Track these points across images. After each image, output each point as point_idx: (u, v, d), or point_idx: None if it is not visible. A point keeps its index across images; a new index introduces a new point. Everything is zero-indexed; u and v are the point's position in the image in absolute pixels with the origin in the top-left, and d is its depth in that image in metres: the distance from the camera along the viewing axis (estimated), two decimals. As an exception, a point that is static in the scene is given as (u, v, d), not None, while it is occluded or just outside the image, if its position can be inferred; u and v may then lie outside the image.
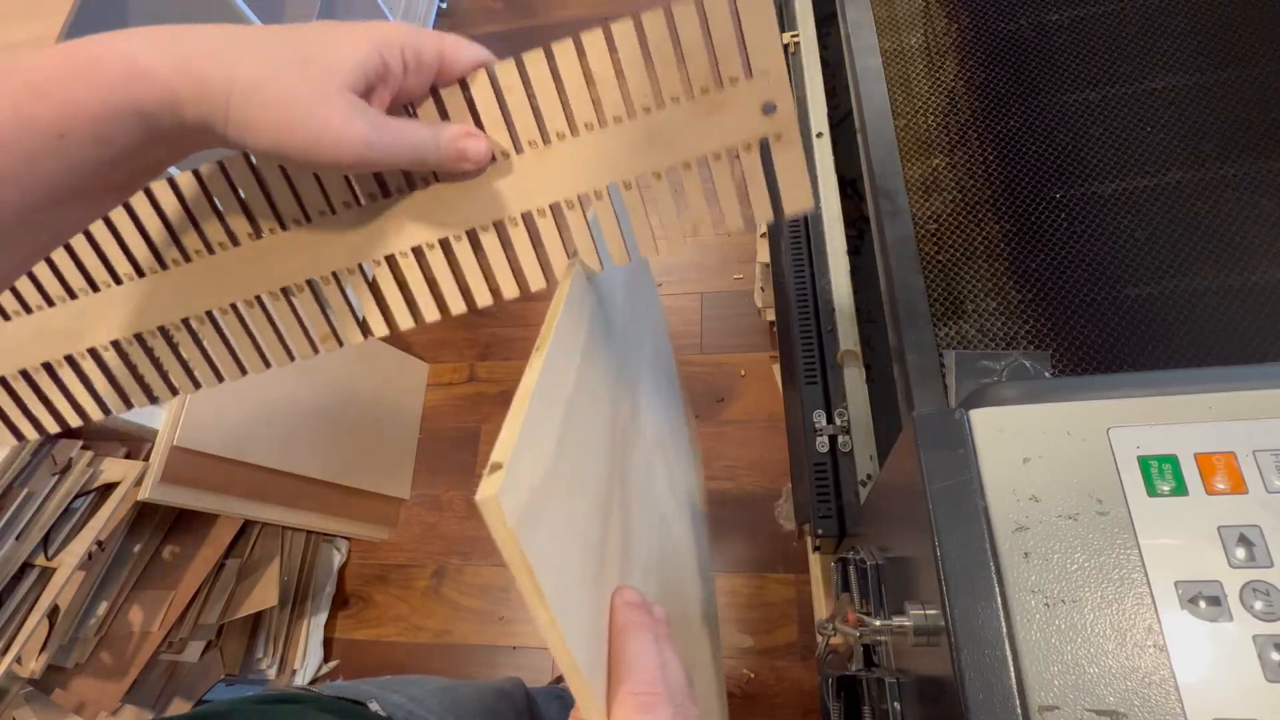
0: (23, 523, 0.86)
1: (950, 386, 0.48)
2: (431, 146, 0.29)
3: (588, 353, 0.31)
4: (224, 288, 0.34)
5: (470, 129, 0.30)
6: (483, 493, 0.19)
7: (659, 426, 0.48)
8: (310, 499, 1.17)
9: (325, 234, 0.33)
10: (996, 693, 0.26)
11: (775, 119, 0.31)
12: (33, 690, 1.00)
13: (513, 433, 0.21)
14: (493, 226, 0.32)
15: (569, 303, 0.29)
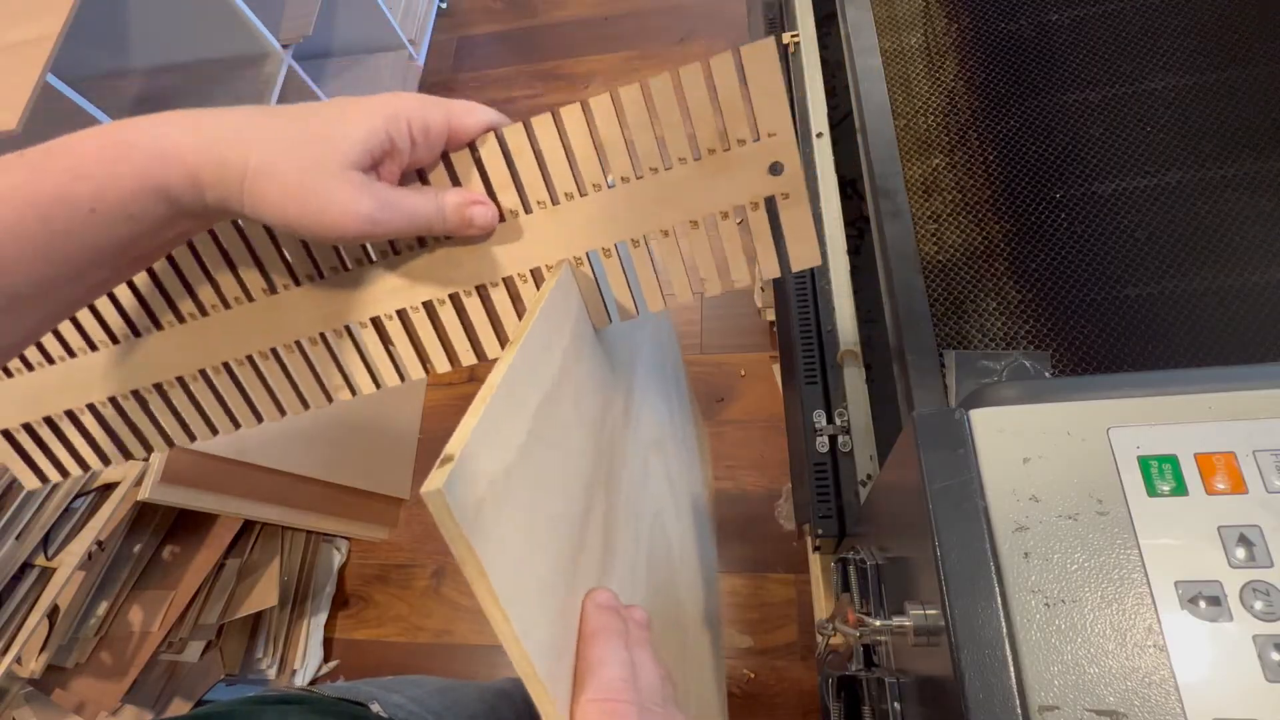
0: (23, 523, 0.86)
1: (950, 386, 0.48)
2: (437, 217, 0.30)
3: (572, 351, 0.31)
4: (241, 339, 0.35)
5: (476, 196, 0.31)
6: (428, 485, 0.19)
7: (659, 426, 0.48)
8: (310, 499, 1.17)
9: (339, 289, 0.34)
10: (996, 693, 0.26)
11: (782, 179, 0.31)
12: (33, 690, 1.00)
13: (469, 426, 0.21)
14: (502, 283, 0.33)
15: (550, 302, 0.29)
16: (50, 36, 0.86)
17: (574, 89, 1.73)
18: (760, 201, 0.32)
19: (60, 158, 0.24)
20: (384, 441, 1.37)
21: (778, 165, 0.31)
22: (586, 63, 1.76)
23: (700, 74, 0.30)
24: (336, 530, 1.29)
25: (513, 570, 0.21)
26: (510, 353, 0.25)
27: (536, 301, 0.29)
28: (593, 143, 0.31)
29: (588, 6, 1.84)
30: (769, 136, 0.31)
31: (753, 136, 0.31)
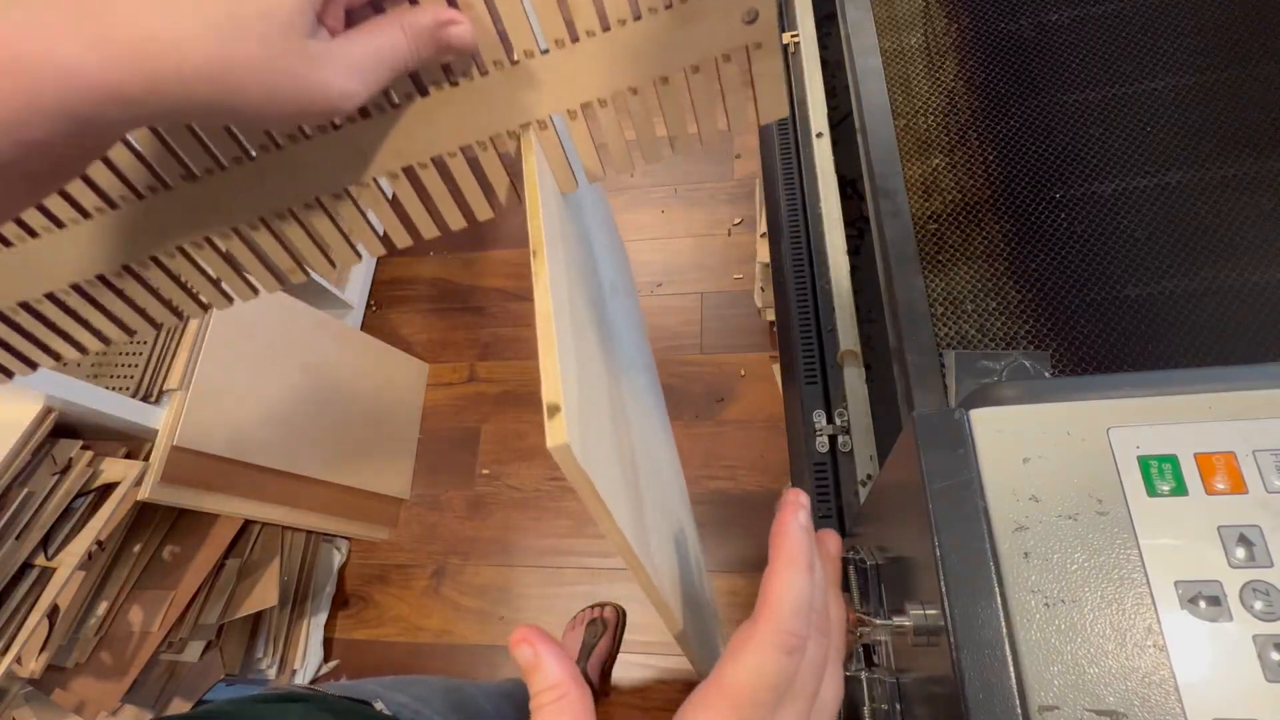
0: (23, 523, 0.86)
1: (950, 386, 0.48)
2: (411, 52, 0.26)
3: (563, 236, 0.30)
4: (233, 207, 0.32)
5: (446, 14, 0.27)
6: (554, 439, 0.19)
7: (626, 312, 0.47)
8: (310, 499, 1.17)
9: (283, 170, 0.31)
10: (996, 693, 0.26)
11: (756, 27, 0.29)
12: (33, 690, 1.00)
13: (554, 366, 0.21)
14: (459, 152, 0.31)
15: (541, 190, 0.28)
16: (50, 36, 0.85)
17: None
18: (733, 53, 0.30)
19: None
20: (384, 441, 1.37)
21: (753, 12, 0.29)
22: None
23: None
24: (336, 530, 1.29)
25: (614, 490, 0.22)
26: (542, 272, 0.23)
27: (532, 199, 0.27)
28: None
29: None
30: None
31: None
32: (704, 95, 0.31)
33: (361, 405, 1.30)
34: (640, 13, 0.29)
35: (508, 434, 1.41)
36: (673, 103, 0.31)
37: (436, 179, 0.32)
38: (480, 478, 1.38)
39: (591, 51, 0.30)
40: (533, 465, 1.38)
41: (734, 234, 1.49)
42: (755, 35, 0.30)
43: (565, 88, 0.30)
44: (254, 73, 0.22)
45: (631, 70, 0.30)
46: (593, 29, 0.29)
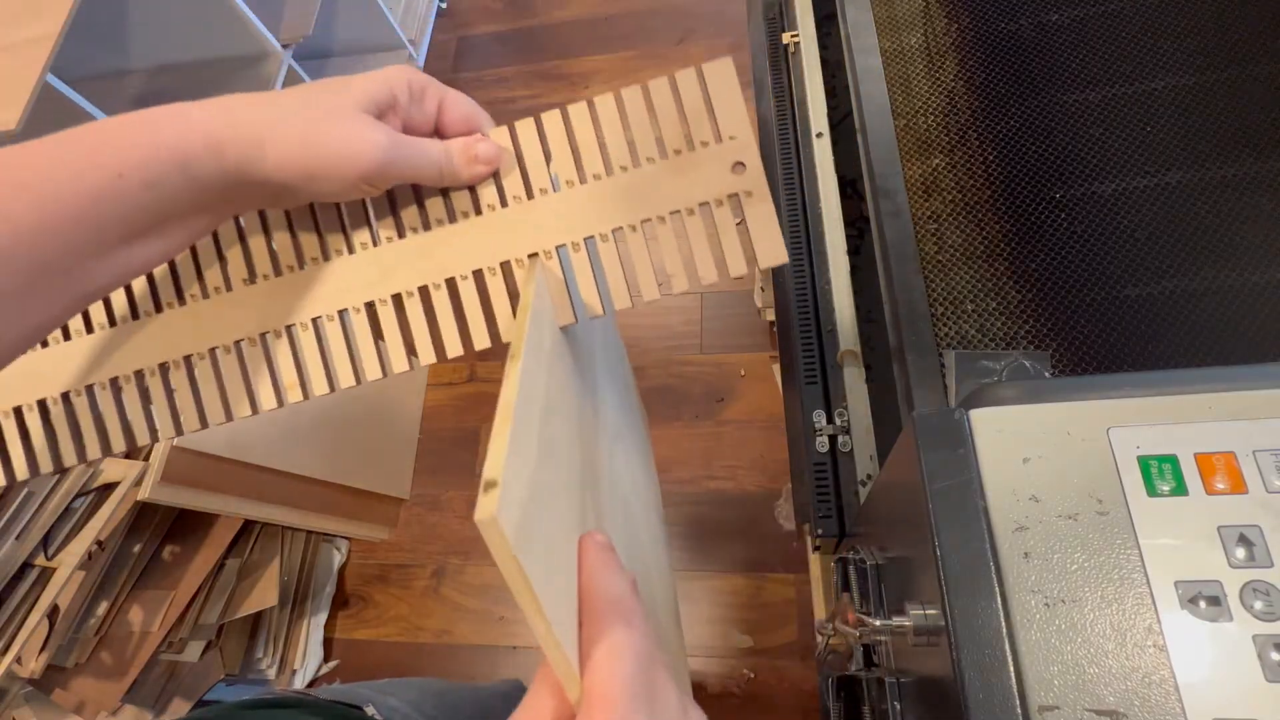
0: (23, 523, 0.86)
1: (950, 386, 0.48)
2: (445, 158, 0.32)
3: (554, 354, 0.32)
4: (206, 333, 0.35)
5: (476, 135, 0.33)
6: (481, 513, 0.19)
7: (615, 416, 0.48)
8: (310, 499, 1.17)
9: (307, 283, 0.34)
10: (996, 693, 0.26)
11: (744, 177, 0.33)
12: (33, 690, 1.00)
13: (501, 446, 0.22)
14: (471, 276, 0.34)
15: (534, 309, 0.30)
16: (50, 36, 0.86)
17: (574, 89, 1.73)
18: (725, 199, 0.33)
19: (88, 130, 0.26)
20: (384, 441, 1.37)
21: (739, 164, 0.33)
22: (586, 63, 1.76)
23: (667, 85, 0.33)
24: (336, 530, 1.29)
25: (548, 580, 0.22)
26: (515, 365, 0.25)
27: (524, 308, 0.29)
28: (569, 143, 0.34)
29: (588, 6, 1.84)
30: (730, 139, 0.33)
31: (715, 139, 0.33)
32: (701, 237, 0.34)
33: (361, 405, 1.30)
34: (640, 161, 0.33)
35: (508, 434, 1.41)
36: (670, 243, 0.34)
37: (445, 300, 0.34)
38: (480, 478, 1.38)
39: (597, 192, 0.34)
40: (533, 465, 1.38)
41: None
42: (744, 184, 0.33)
43: (571, 222, 0.34)
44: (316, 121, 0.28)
45: (631, 210, 0.34)
46: (599, 173, 0.33)
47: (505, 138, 0.34)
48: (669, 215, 0.33)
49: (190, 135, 0.27)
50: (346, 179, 0.29)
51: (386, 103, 0.30)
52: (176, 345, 0.35)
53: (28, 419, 0.36)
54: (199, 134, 0.27)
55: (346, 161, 0.29)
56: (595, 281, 0.34)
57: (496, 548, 0.20)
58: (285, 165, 0.28)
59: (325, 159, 0.29)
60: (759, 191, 0.33)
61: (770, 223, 0.34)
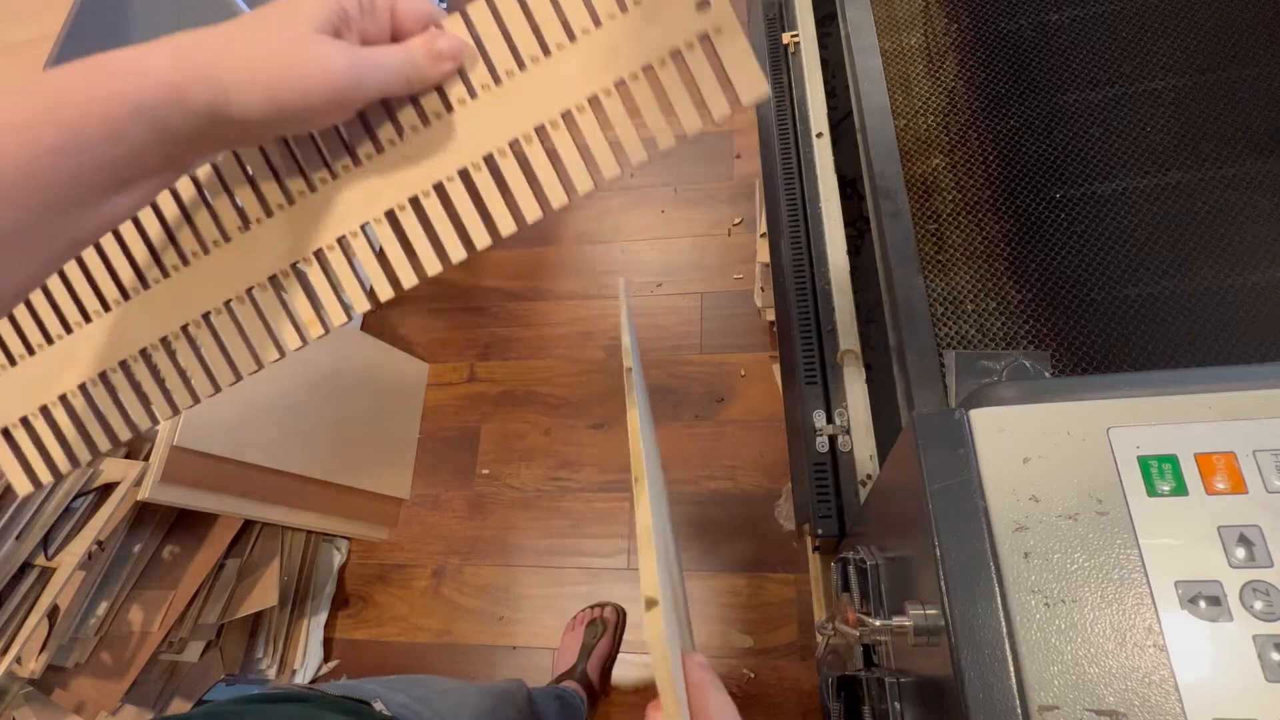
0: (23, 523, 0.86)
1: (950, 386, 0.48)
2: (409, 62, 0.31)
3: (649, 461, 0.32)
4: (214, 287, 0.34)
5: (434, 32, 0.32)
6: (651, 631, 0.20)
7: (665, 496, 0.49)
8: (310, 499, 1.17)
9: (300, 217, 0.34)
10: (996, 693, 0.26)
11: (711, 14, 0.31)
12: (33, 690, 1.00)
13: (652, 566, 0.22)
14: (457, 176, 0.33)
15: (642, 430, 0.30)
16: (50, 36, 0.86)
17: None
18: (694, 41, 0.32)
19: (44, 85, 0.25)
20: (384, 441, 1.37)
21: (704, 2, 0.31)
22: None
23: None
24: (336, 530, 1.29)
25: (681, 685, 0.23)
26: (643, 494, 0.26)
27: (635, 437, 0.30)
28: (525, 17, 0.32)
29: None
30: None
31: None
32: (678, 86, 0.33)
33: (361, 405, 1.30)
34: (600, 19, 0.32)
35: (508, 434, 1.41)
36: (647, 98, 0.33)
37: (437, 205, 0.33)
38: (480, 478, 1.38)
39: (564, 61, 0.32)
40: (532, 465, 1.38)
41: (734, 234, 1.49)
42: (712, 21, 0.32)
43: (546, 98, 0.32)
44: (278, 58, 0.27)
45: (601, 74, 0.32)
46: (561, 41, 0.32)
47: (460, 26, 0.32)
48: (641, 71, 0.32)
49: (151, 85, 0.26)
50: (316, 107, 0.29)
51: (339, 18, 0.29)
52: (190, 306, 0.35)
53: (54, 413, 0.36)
54: (161, 83, 0.26)
55: (313, 90, 0.28)
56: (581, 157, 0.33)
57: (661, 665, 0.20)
58: (252, 104, 0.28)
59: (291, 91, 0.28)
60: (728, 26, 0.32)
61: (746, 57, 0.32)
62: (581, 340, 1.45)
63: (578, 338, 1.45)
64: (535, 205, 0.33)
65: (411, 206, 0.33)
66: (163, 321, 0.35)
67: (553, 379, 1.43)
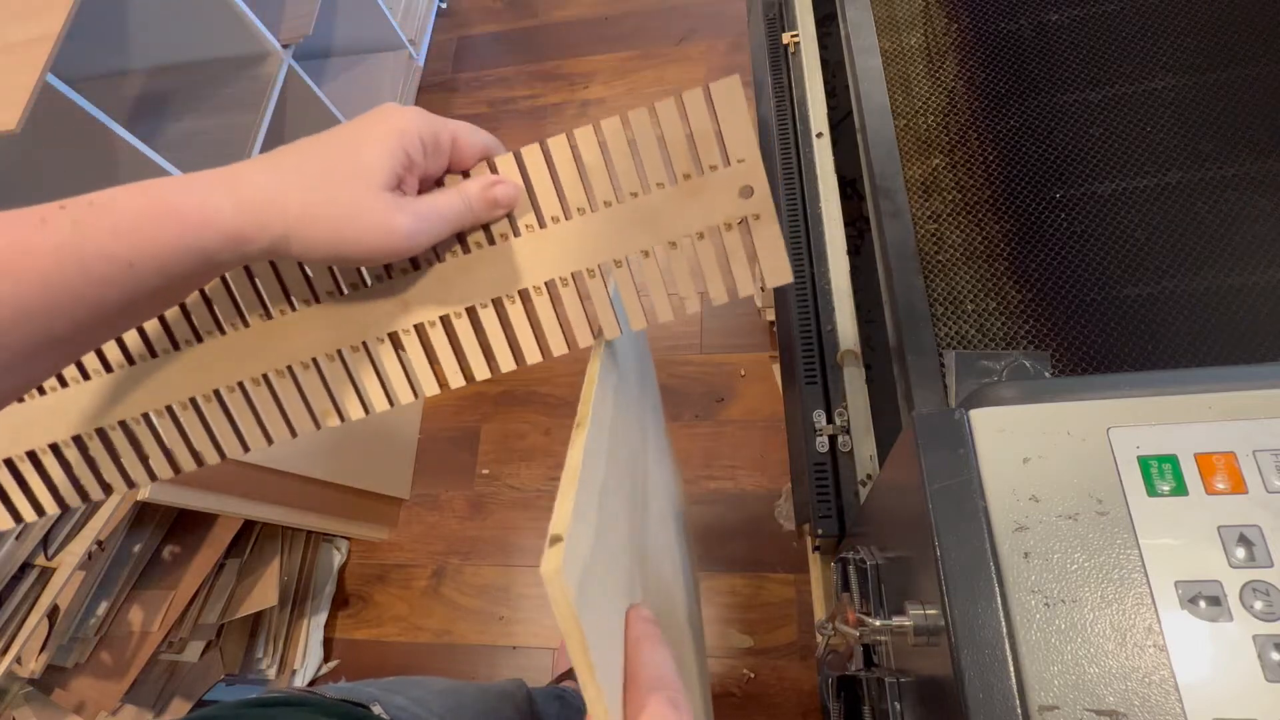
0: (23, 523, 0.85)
1: (950, 386, 0.48)
2: (465, 209, 0.32)
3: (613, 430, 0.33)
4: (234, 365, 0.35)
5: (492, 178, 0.33)
6: (547, 564, 0.20)
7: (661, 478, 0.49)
8: (310, 499, 1.17)
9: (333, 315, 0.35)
10: (996, 693, 0.26)
11: (752, 201, 0.33)
12: (33, 690, 1.00)
13: (567, 506, 0.22)
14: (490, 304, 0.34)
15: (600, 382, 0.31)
16: (50, 36, 0.86)
17: (574, 89, 1.73)
18: (734, 223, 0.34)
19: (103, 213, 0.25)
20: (384, 441, 1.37)
21: (748, 189, 0.33)
22: (586, 63, 1.76)
23: (674, 107, 0.33)
24: (336, 530, 1.29)
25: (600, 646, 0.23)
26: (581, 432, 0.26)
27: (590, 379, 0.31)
28: (577, 169, 0.33)
29: (588, 6, 1.84)
30: (738, 163, 0.33)
31: (723, 162, 0.33)
32: (711, 260, 0.34)
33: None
34: (650, 187, 0.33)
35: (508, 434, 1.41)
36: (681, 266, 0.34)
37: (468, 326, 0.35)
38: (480, 478, 1.38)
39: (609, 219, 0.34)
40: (532, 465, 1.38)
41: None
42: (752, 207, 0.34)
43: (585, 248, 0.34)
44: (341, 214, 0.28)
45: (643, 236, 0.34)
46: (609, 199, 0.33)
47: (512, 164, 0.33)
48: (680, 239, 0.34)
49: (212, 234, 0.27)
50: (372, 259, 0.30)
51: (404, 167, 0.30)
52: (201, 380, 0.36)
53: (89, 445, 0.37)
54: (223, 233, 0.27)
55: (373, 247, 0.29)
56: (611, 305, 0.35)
57: (557, 602, 0.20)
58: (311, 250, 0.29)
59: (352, 246, 0.29)
60: (766, 214, 0.34)
61: (777, 245, 0.34)
62: (581, 340, 1.45)
63: (578, 338, 1.45)
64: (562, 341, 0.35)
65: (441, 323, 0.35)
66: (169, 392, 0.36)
67: (552, 379, 1.43)
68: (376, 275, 0.34)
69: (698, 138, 0.33)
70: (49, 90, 0.91)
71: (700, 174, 0.33)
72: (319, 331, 0.35)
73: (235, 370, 0.35)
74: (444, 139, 0.32)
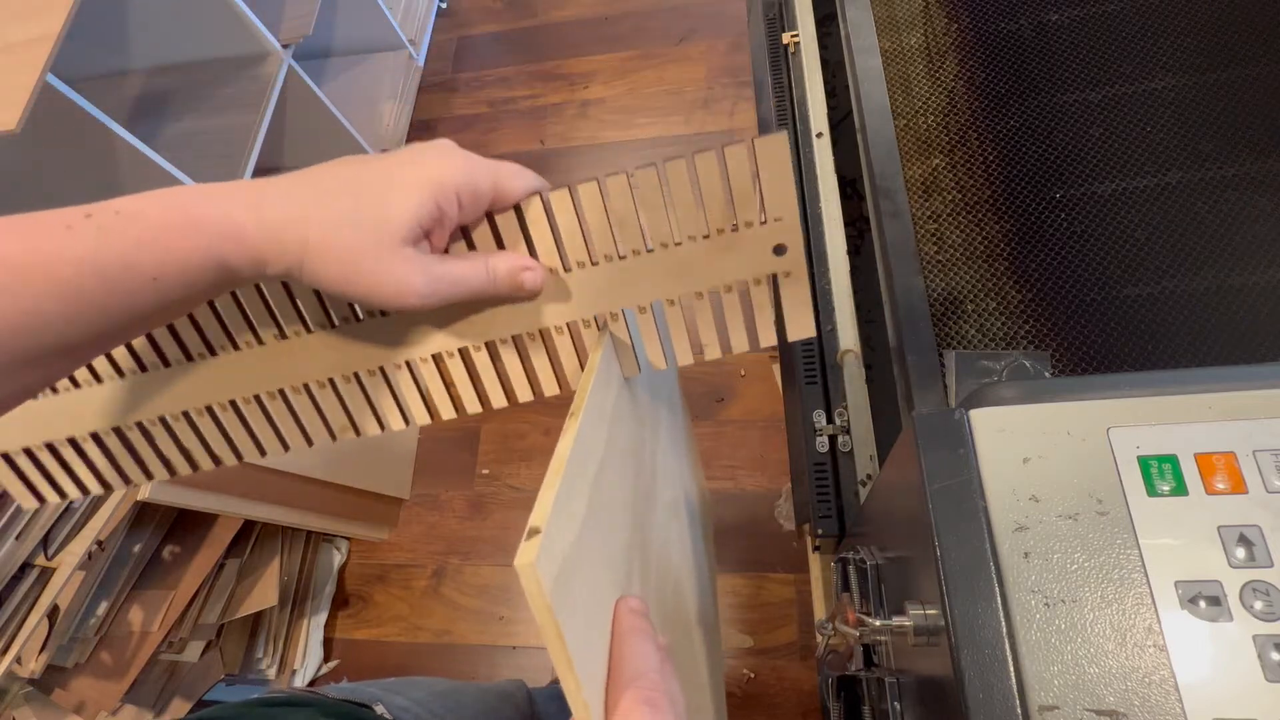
0: (23, 522, 0.86)
1: (950, 386, 0.48)
2: (488, 284, 0.31)
3: (614, 420, 0.33)
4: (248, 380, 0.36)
5: (525, 261, 0.32)
6: (521, 558, 0.20)
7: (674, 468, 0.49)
8: (310, 499, 1.17)
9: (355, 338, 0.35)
10: (996, 693, 0.26)
11: (785, 259, 0.33)
12: (33, 690, 1.00)
13: (548, 498, 0.22)
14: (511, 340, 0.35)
15: (600, 373, 0.31)
16: (50, 36, 0.86)
17: (574, 89, 1.73)
18: (764, 279, 0.34)
19: (129, 223, 0.25)
20: (384, 441, 1.37)
21: (782, 247, 0.33)
22: (586, 63, 1.76)
23: (715, 161, 0.31)
24: (337, 530, 1.29)
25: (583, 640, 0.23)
26: (573, 423, 0.26)
27: (590, 369, 0.31)
28: (607, 219, 0.32)
29: (588, 6, 1.84)
30: (775, 221, 0.32)
31: (760, 220, 0.32)
32: (736, 311, 0.35)
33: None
34: (682, 239, 0.33)
35: (508, 434, 1.41)
36: (705, 315, 0.34)
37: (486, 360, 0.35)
38: (480, 478, 1.38)
39: (635, 267, 0.33)
40: (532, 465, 1.38)
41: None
42: (784, 265, 0.33)
43: (611, 294, 0.34)
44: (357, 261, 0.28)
45: (670, 285, 0.34)
46: (638, 249, 0.33)
47: (539, 211, 0.33)
48: (707, 291, 0.34)
49: (232, 250, 0.27)
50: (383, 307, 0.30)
51: (433, 220, 0.29)
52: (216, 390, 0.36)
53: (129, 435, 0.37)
54: (243, 250, 0.27)
55: (384, 299, 0.29)
56: (632, 345, 0.35)
57: (532, 595, 0.20)
58: (323, 282, 0.28)
59: (362, 291, 0.28)
60: (797, 273, 0.34)
61: (804, 302, 0.34)
62: (581, 340, 1.45)
63: (578, 338, 1.45)
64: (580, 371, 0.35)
65: (460, 355, 0.35)
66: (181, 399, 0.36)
67: (553, 379, 1.43)
68: None
69: (737, 194, 0.32)
70: (49, 90, 0.91)
71: (735, 230, 0.33)
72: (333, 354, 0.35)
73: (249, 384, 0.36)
74: (484, 188, 0.30)
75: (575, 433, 0.26)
